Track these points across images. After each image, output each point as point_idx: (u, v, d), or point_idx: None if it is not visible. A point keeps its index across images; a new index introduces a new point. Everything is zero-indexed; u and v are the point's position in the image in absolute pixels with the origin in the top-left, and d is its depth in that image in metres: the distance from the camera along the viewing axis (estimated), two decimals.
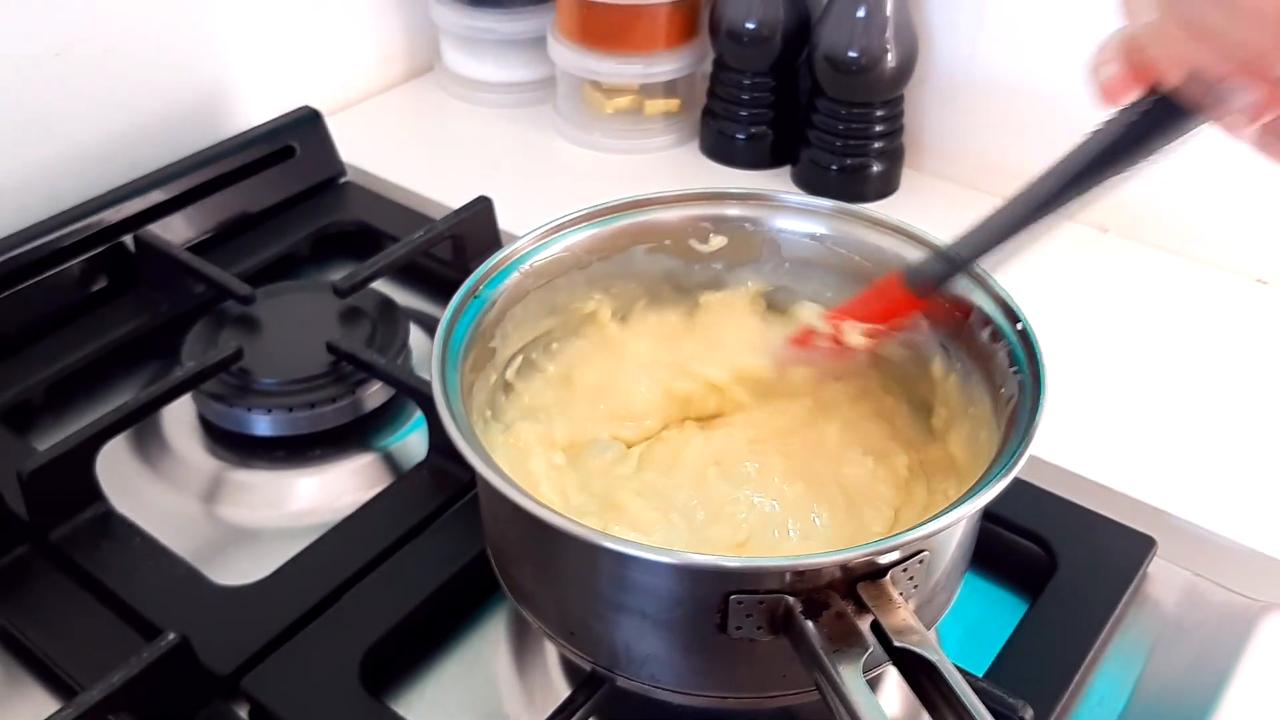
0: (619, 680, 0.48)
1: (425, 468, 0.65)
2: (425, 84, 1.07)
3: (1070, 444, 0.66)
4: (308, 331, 0.71)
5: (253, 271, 0.80)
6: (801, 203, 0.59)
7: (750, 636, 0.44)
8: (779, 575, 0.43)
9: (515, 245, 0.55)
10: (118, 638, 0.56)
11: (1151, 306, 0.80)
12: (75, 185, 0.81)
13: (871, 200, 0.90)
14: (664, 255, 0.59)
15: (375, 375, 0.67)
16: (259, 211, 0.85)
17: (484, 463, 0.44)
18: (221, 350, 0.67)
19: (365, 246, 0.82)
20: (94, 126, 0.83)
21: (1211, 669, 0.56)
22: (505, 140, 0.99)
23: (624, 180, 0.93)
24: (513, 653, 0.57)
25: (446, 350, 0.49)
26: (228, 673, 0.54)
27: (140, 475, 0.67)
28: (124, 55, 0.83)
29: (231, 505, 0.66)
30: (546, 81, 1.02)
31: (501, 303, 0.54)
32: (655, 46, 0.94)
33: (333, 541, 0.60)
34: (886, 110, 0.88)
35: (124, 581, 0.58)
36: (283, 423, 0.67)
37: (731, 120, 0.94)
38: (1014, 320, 0.51)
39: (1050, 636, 0.56)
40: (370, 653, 0.54)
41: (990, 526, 0.59)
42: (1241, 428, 0.69)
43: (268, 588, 0.58)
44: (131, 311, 0.76)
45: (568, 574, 0.47)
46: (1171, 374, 0.73)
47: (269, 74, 0.94)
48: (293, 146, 0.87)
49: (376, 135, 0.98)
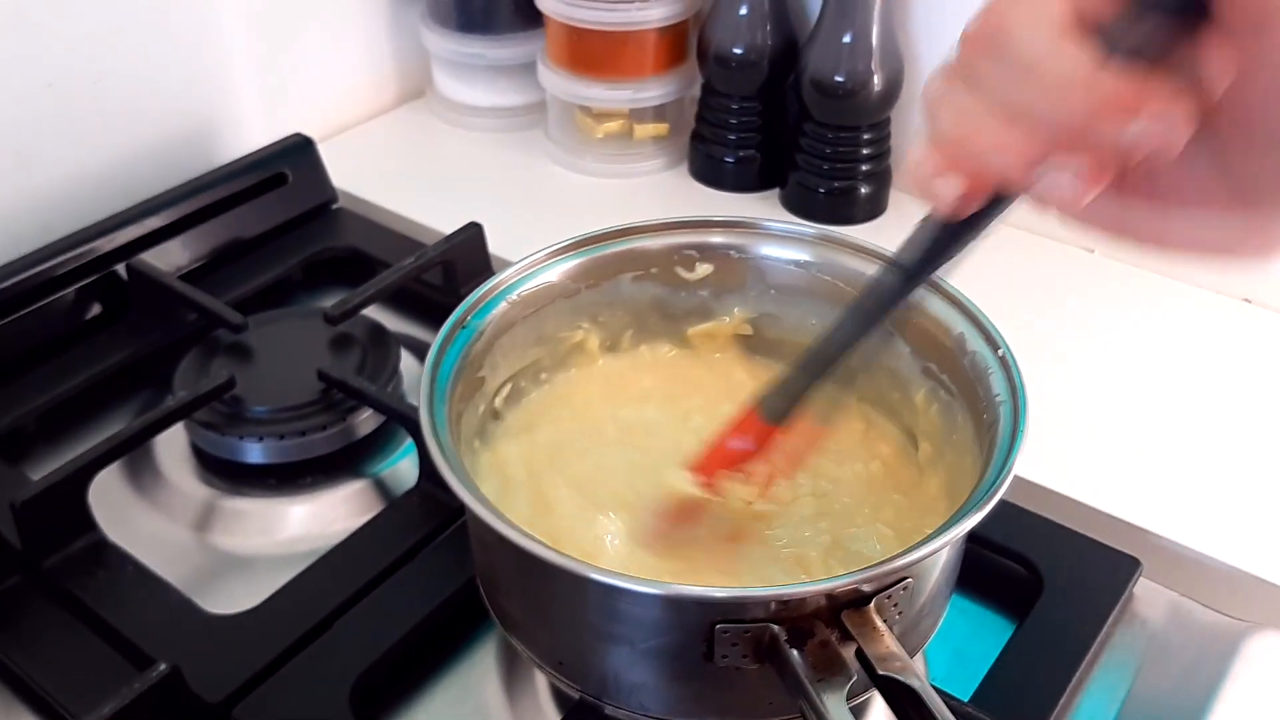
0: (608, 709, 0.48)
1: (416, 494, 0.65)
2: (417, 109, 1.07)
3: (1055, 465, 0.66)
4: (299, 359, 0.71)
5: (245, 298, 0.80)
6: (784, 229, 0.59)
7: (736, 665, 0.44)
8: (764, 605, 0.43)
9: (503, 275, 0.56)
10: (111, 667, 0.56)
11: (1137, 326, 0.80)
12: (68, 214, 0.81)
13: (860, 222, 0.91)
14: (651, 283, 0.60)
15: (365, 402, 0.68)
16: (251, 238, 0.85)
17: (472, 495, 0.44)
18: (213, 379, 0.67)
19: (358, 272, 0.83)
20: (86, 156, 0.84)
21: (1197, 690, 0.57)
22: (497, 165, 0.99)
23: (615, 204, 0.94)
24: (503, 680, 0.57)
25: (435, 382, 0.49)
26: (219, 701, 0.54)
27: (132, 504, 0.67)
28: (115, 85, 0.84)
29: (223, 533, 0.66)
30: (538, 106, 1.02)
31: (490, 332, 0.54)
32: (644, 72, 0.94)
33: (323, 569, 0.61)
34: (873, 133, 0.89)
35: (116, 611, 0.58)
36: (274, 450, 0.67)
37: (720, 144, 0.94)
38: (994, 346, 0.52)
39: (1037, 658, 0.56)
40: (361, 680, 0.54)
41: (975, 548, 0.59)
42: (1227, 448, 0.70)
43: (259, 616, 0.58)
44: (124, 340, 0.77)
45: (555, 604, 0.47)
46: (1157, 394, 0.74)
47: (260, 101, 0.94)
48: (285, 173, 0.88)
49: (368, 161, 0.99)
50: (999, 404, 0.50)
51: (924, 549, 0.43)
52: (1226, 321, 0.81)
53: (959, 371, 0.54)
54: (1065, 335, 0.78)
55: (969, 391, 0.53)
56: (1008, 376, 0.51)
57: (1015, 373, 0.50)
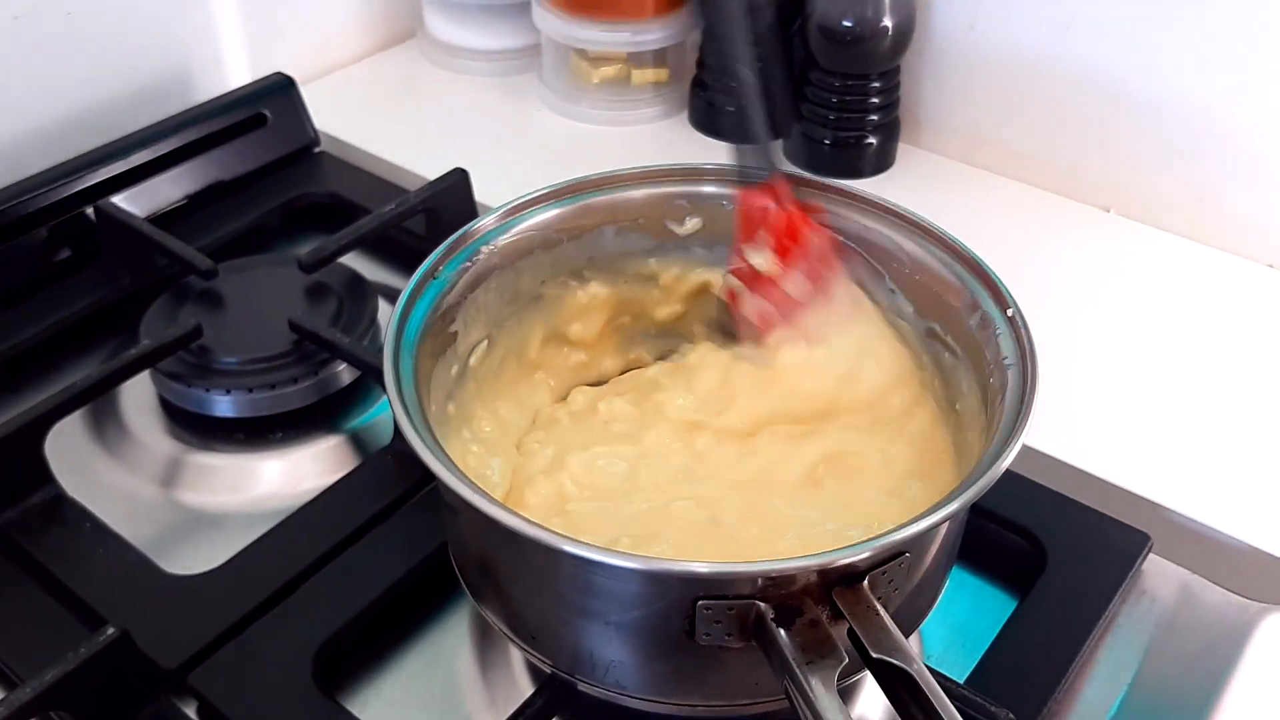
0: (581, 685, 0.46)
1: (390, 451, 0.62)
2: (406, 51, 1.03)
3: (1063, 434, 0.63)
4: (271, 308, 0.68)
5: (220, 244, 0.77)
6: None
7: (720, 644, 0.41)
8: (750, 581, 0.40)
9: (478, 223, 0.52)
10: (64, 629, 0.54)
11: (1154, 291, 0.77)
12: (39, 153, 0.78)
13: (867, 176, 0.87)
14: (637, 235, 0.57)
15: (337, 354, 0.65)
16: (229, 181, 0.82)
17: (437, 459, 0.41)
18: (180, 327, 0.64)
19: (338, 219, 0.79)
20: (57, 93, 0.80)
21: (1208, 673, 0.54)
22: (488, 110, 0.96)
23: (609, 153, 0.90)
24: (475, 649, 0.54)
25: (401, 335, 0.46)
26: (174, 667, 0.51)
27: (96, 458, 0.65)
28: (88, 18, 0.80)
29: (190, 489, 0.63)
30: (532, 49, 0.98)
31: (462, 285, 0.51)
32: (643, 14, 0.91)
33: (290, 529, 0.58)
34: (883, 82, 0.85)
35: (71, 570, 0.56)
36: (243, 404, 0.65)
37: (722, 91, 0.90)
38: (1004, 306, 0.49)
39: (1039, 637, 0.54)
40: (324, 648, 0.52)
41: (976, 520, 0.56)
42: (1244, 420, 0.66)
43: (220, 577, 0.55)
44: (93, 285, 0.74)
45: (528, 577, 0.45)
46: (1172, 362, 0.70)
47: (243, 39, 0.91)
48: (264, 114, 0.84)
49: (354, 104, 0.95)
50: (1007, 367, 0.47)
51: (923, 522, 0.41)
52: (1249, 287, 0.77)
53: (965, 332, 0.50)
54: (1078, 299, 0.75)
55: (975, 354, 0.50)
56: (1017, 338, 0.48)
57: (1025, 334, 0.47)
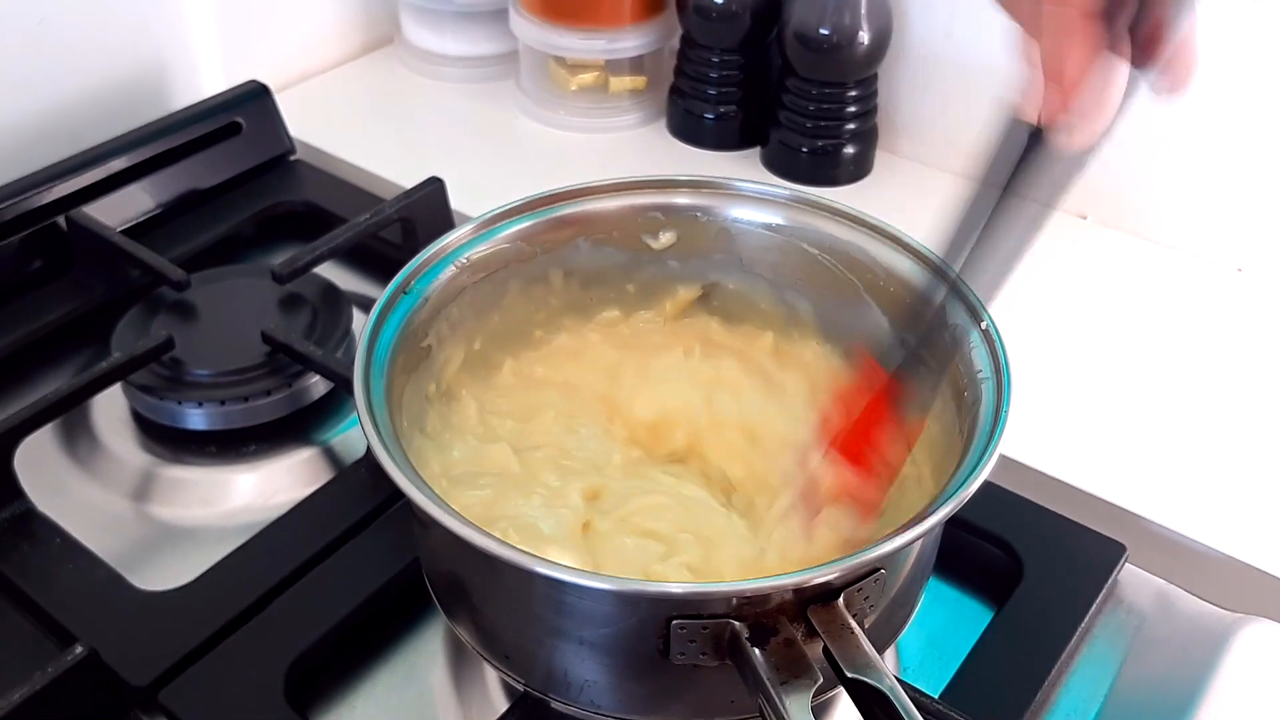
0: (555, 704, 0.45)
1: (365, 464, 0.61)
2: (383, 58, 1.03)
3: (1038, 443, 0.63)
4: (244, 319, 0.68)
5: (194, 254, 0.76)
6: (757, 190, 0.56)
7: (694, 663, 0.41)
8: (725, 600, 0.40)
9: (450, 237, 0.52)
10: (33, 646, 0.53)
11: (1129, 296, 0.77)
12: (10, 163, 0.77)
13: (844, 184, 0.87)
14: (611, 248, 0.56)
15: (309, 366, 0.64)
16: (202, 191, 0.81)
17: (405, 476, 0.41)
18: (152, 339, 0.64)
19: (314, 229, 0.79)
20: (28, 100, 0.80)
21: (1185, 683, 0.54)
22: (466, 118, 0.95)
23: (588, 161, 0.90)
24: (449, 666, 0.54)
25: (372, 353, 0.46)
26: (145, 684, 0.51)
27: (67, 472, 0.64)
28: (61, 25, 0.80)
29: (162, 503, 0.63)
30: (509, 56, 0.98)
31: (436, 299, 0.51)
32: (621, 21, 0.90)
33: (263, 543, 0.57)
34: (860, 90, 0.85)
35: (40, 586, 0.55)
36: (215, 416, 0.64)
37: (699, 99, 0.90)
38: (978, 319, 0.48)
39: (1015, 648, 0.54)
40: (297, 664, 0.51)
41: (952, 530, 0.56)
42: (1219, 426, 0.67)
43: (191, 593, 0.55)
44: (65, 296, 0.73)
45: (501, 597, 0.44)
46: (1146, 367, 0.71)
47: (218, 46, 0.90)
48: (239, 123, 0.83)
49: (331, 111, 0.95)
50: (981, 381, 0.47)
51: (898, 539, 0.40)
52: (1219, 290, 0.77)
53: (939, 345, 0.50)
54: (1055, 305, 0.75)
55: (950, 367, 0.49)
56: (991, 352, 0.48)
57: (1000, 348, 0.47)
